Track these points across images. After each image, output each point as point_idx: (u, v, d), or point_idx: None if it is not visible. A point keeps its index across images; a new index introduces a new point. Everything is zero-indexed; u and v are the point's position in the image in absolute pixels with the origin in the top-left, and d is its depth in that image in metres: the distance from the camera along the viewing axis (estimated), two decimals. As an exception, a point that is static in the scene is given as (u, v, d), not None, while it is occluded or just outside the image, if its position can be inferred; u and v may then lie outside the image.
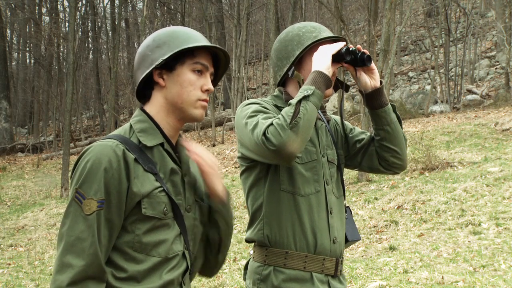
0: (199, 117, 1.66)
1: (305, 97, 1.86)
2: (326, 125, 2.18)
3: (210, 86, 1.65)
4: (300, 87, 2.04)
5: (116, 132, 1.63)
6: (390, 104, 2.15)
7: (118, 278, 1.52)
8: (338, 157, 2.18)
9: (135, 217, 1.54)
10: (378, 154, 2.16)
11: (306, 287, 1.99)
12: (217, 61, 1.73)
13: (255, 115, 1.94)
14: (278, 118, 1.85)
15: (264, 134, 1.84)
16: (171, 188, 1.61)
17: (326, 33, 2.10)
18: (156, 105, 1.65)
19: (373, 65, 2.09)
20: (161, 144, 1.62)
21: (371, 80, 2.11)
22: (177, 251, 1.60)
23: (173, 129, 1.66)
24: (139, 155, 1.57)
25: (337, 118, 2.27)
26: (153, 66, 1.60)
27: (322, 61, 1.96)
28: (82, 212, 1.49)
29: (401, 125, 2.16)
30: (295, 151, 1.84)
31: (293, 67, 2.08)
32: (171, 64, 1.62)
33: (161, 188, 1.57)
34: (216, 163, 1.70)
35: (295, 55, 2.07)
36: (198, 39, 1.64)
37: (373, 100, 2.11)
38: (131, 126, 1.63)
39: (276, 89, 2.18)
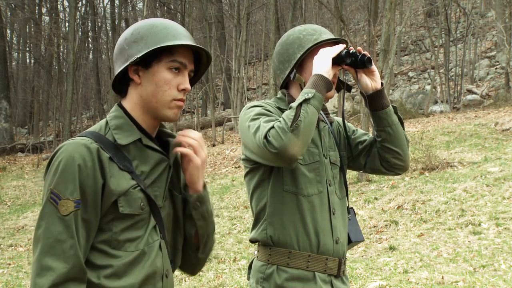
0: (173, 117, 1.60)
1: (306, 100, 1.88)
2: (329, 127, 2.20)
3: (187, 86, 1.59)
4: (302, 89, 2.05)
5: (91, 129, 1.59)
6: (392, 105, 2.16)
7: (99, 276, 1.49)
8: (340, 158, 2.19)
9: (112, 216, 1.51)
10: (380, 156, 2.17)
11: (308, 286, 2.01)
12: (198, 57, 1.66)
13: (258, 118, 1.96)
14: (279, 121, 1.87)
15: (265, 137, 1.86)
16: (150, 181, 1.58)
17: (327, 35, 2.12)
18: (131, 102, 1.60)
19: (373, 67, 2.10)
20: (139, 140, 1.58)
21: (372, 82, 2.12)
22: (153, 241, 1.58)
23: (150, 126, 1.62)
24: (114, 153, 1.52)
25: (340, 120, 2.29)
26: (128, 62, 1.55)
27: (322, 64, 1.98)
28: (59, 212, 1.44)
29: (403, 127, 2.17)
30: (296, 154, 1.86)
31: (294, 70, 2.10)
32: (147, 61, 1.56)
33: (137, 186, 1.54)
34: (204, 153, 1.64)
35: (296, 58, 2.09)
36: (178, 35, 1.57)
37: (375, 102, 2.12)
38: (107, 122, 1.59)
39: (279, 92, 2.20)
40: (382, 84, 2.14)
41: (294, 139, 1.84)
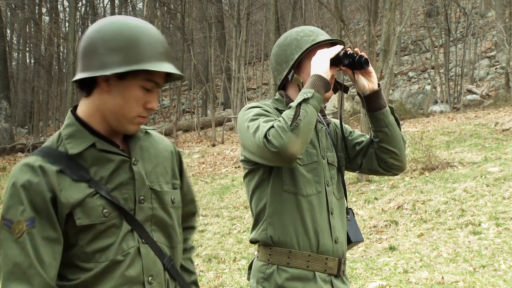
0: (133, 132, 1.56)
1: (305, 100, 1.90)
2: (326, 128, 2.21)
3: (155, 106, 1.54)
4: (300, 90, 2.07)
5: (45, 144, 1.55)
6: (388, 106, 2.18)
7: (69, 279, 1.46)
8: (338, 159, 2.21)
9: (74, 229, 1.47)
10: (377, 156, 2.19)
11: (309, 286, 2.01)
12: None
13: (257, 118, 1.97)
14: (279, 120, 1.88)
15: (265, 136, 1.86)
16: (114, 185, 1.52)
17: (324, 36, 2.14)
18: (92, 105, 1.53)
19: (370, 68, 2.12)
20: (93, 145, 1.52)
21: (369, 83, 2.14)
22: (127, 249, 1.51)
23: (108, 131, 1.55)
24: (65, 165, 1.47)
25: (337, 121, 2.31)
26: (101, 74, 1.45)
27: (320, 65, 2.00)
28: (12, 236, 1.42)
29: (399, 127, 2.19)
30: (296, 153, 1.86)
31: (292, 71, 2.11)
32: (122, 73, 1.47)
33: (95, 193, 1.48)
34: None
35: (294, 59, 2.10)
36: (159, 55, 1.49)
37: (372, 102, 2.15)
38: (59, 134, 1.54)
39: (277, 93, 2.22)
40: (379, 85, 2.16)
41: (294, 138, 1.85)
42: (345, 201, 2.22)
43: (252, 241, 2.13)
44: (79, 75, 1.50)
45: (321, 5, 19.11)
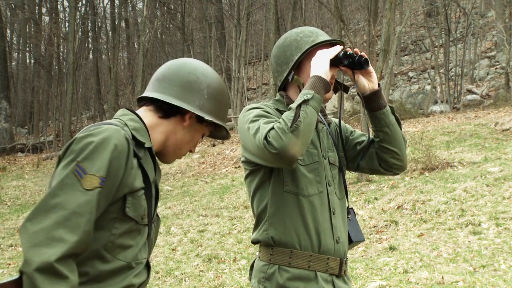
0: (170, 162, 1.73)
1: (305, 101, 1.91)
2: (327, 128, 2.22)
3: (194, 149, 1.74)
4: (300, 91, 2.08)
5: (113, 121, 1.57)
6: (389, 106, 2.19)
7: (79, 275, 1.44)
8: (339, 159, 2.21)
9: (114, 215, 1.49)
10: (378, 156, 2.20)
11: (310, 286, 2.02)
12: None
13: (257, 120, 1.98)
14: (279, 122, 1.89)
15: (265, 138, 1.87)
16: (148, 193, 1.58)
17: (324, 37, 2.14)
18: (163, 128, 1.65)
19: (370, 68, 2.12)
20: (150, 149, 1.60)
21: (369, 83, 2.16)
22: (142, 259, 1.57)
23: (156, 148, 1.66)
24: (138, 151, 1.54)
25: (338, 121, 2.31)
26: (201, 115, 1.64)
27: (320, 65, 2.01)
28: (81, 186, 1.41)
29: (400, 127, 2.20)
30: (297, 154, 1.87)
31: (292, 72, 2.12)
32: (202, 119, 1.66)
33: (144, 191, 1.54)
34: None
35: (294, 60, 2.11)
36: (227, 117, 1.75)
37: (372, 102, 2.16)
38: (123, 122, 1.58)
39: (278, 94, 2.23)
40: (379, 84, 2.17)
41: (294, 139, 1.85)
42: (346, 200, 2.23)
43: (254, 242, 2.14)
44: (179, 103, 1.62)
45: (321, 5, 19.10)
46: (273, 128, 1.88)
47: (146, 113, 1.64)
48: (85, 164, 1.42)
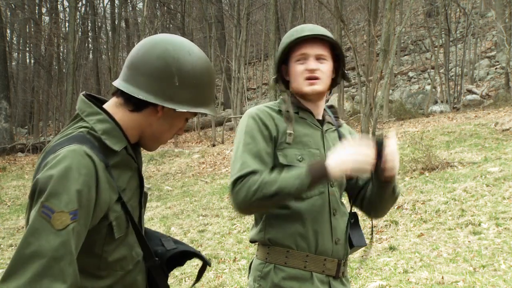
0: (153, 150, 1.61)
1: (287, 194, 1.89)
2: (337, 130, 2.19)
3: (183, 131, 1.62)
4: (289, 96, 2.12)
5: (77, 134, 1.42)
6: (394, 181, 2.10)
7: None
8: None
9: (101, 242, 1.41)
10: (363, 199, 2.17)
11: (305, 286, 2.00)
12: None
13: (248, 143, 2.02)
14: (254, 181, 1.91)
15: (235, 182, 1.95)
16: (128, 193, 1.50)
17: (307, 32, 2.07)
18: (136, 122, 1.50)
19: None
20: (125, 148, 1.48)
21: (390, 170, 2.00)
22: (137, 257, 1.53)
23: (133, 139, 1.54)
24: (108, 160, 1.41)
25: (350, 130, 2.27)
26: (172, 107, 1.46)
27: (343, 161, 1.87)
28: (52, 228, 1.27)
29: (395, 192, 2.10)
30: (246, 214, 2.06)
31: (276, 75, 2.14)
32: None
33: (119, 198, 1.44)
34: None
35: (277, 61, 2.13)
36: (213, 97, 1.58)
37: (384, 184, 2.04)
38: (89, 127, 1.45)
39: (281, 95, 2.21)
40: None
41: (253, 208, 1.96)
42: (350, 203, 2.22)
43: (251, 241, 2.14)
44: (146, 97, 1.45)
45: (321, 5, 19.10)
46: (245, 179, 1.93)
47: (117, 109, 1.49)
48: (51, 202, 1.28)
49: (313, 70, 2.05)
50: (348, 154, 1.87)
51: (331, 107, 2.27)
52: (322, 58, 2.07)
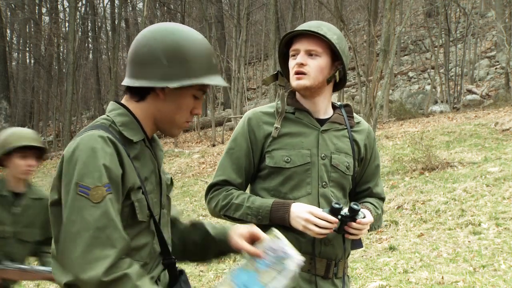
0: (177, 135, 1.66)
1: (249, 221, 2.01)
2: (349, 130, 2.16)
3: (200, 111, 1.62)
4: (287, 90, 2.16)
5: (97, 123, 1.54)
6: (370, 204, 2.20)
7: None
8: (347, 165, 2.13)
9: (124, 223, 1.45)
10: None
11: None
12: None
13: (229, 150, 2.13)
14: (225, 198, 2.06)
15: (210, 188, 2.10)
16: (149, 187, 1.56)
17: (301, 28, 2.09)
18: (145, 110, 1.57)
19: (363, 219, 2.02)
20: (143, 140, 1.57)
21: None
22: (154, 253, 1.56)
23: (150, 131, 1.61)
24: (127, 151, 1.51)
25: (369, 132, 2.25)
26: (166, 86, 1.50)
27: (300, 212, 1.99)
28: (91, 202, 1.38)
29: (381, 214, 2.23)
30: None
31: (277, 71, 2.18)
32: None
33: (139, 187, 1.51)
34: None
35: (278, 56, 2.19)
36: (215, 67, 1.57)
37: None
38: (109, 119, 1.55)
39: (282, 94, 2.20)
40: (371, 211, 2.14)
41: (223, 219, 2.10)
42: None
43: None
44: (140, 83, 1.52)
45: (321, 5, 19.11)
46: (220, 191, 2.08)
47: (128, 103, 1.59)
48: (84, 181, 1.39)
49: (300, 65, 2.05)
50: (308, 214, 1.96)
51: (346, 106, 2.25)
52: (314, 53, 2.05)
